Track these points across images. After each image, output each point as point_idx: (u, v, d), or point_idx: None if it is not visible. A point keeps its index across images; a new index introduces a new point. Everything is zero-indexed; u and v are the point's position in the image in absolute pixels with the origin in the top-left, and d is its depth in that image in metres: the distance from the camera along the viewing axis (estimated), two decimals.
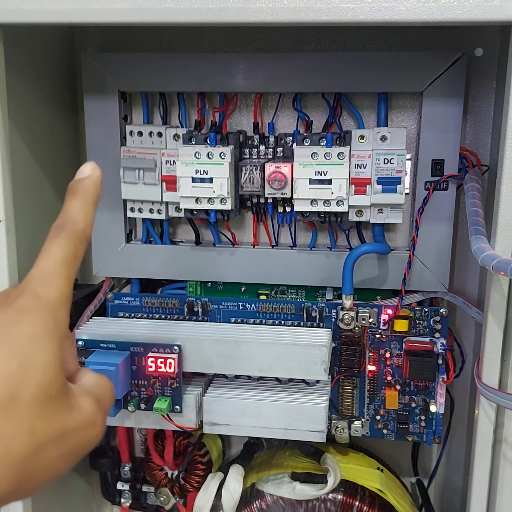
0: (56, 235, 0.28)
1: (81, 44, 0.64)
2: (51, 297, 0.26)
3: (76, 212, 0.29)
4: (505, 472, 0.49)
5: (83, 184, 0.30)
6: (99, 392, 0.29)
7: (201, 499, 0.59)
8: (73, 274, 0.28)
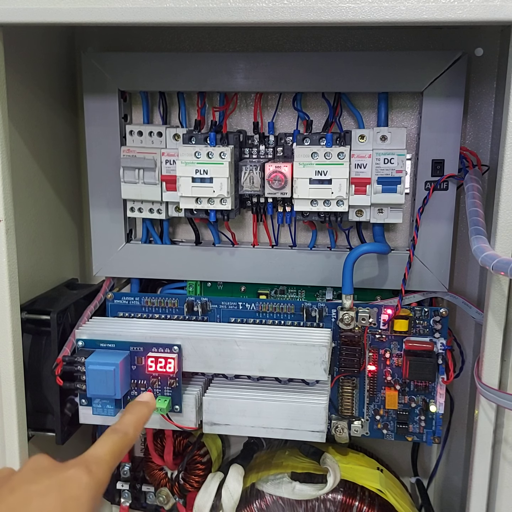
0: (111, 433, 0.37)
1: (81, 44, 0.64)
2: (98, 476, 0.33)
3: (129, 423, 0.38)
4: (505, 472, 0.49)
5: (140, 406, 0.40)
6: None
7: (201, 499, 0.59)
8: (115, 465, 0.35)
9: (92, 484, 0.32)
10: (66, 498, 0.30)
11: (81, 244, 0.70)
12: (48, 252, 0.62)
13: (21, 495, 0.30)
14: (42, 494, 0.30)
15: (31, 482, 0.31)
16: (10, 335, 0.51)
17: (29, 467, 0.33)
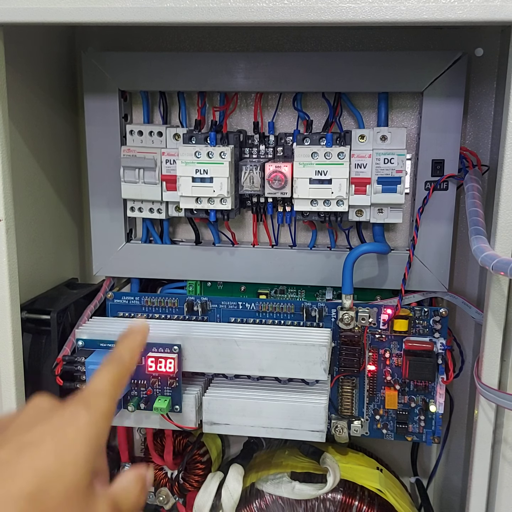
0: (107, 364, 0.35)
1: (82, 43, 0.65)
2: (99, 408, 0.31)
3: (124, 350, 0.36)
4: (505, 472, 0.49)
5: (133, 333, 0.38)
6: (122, 496, 0.32)
7: (201, 499, 0.59)
8: (117, 396, 0.33)
9: (92, 420, 0.30)
10: (60, 444, 0.28)
11: (81, 244, 0.70)
12: (48, 252, 0.63)
13: (12, 448, 0.28)
14: (35, 444, 0.28)
15: (24, 431, 0.29)
16: (10, 334, 0.51)
17: (27, 413, 0.31)
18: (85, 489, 0.29)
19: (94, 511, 0.29)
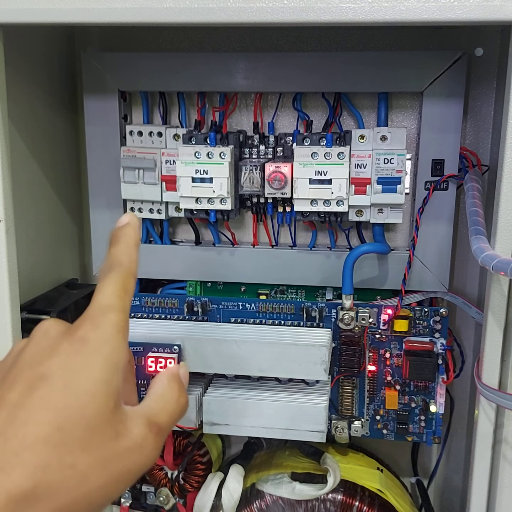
0: (105, 274, 0.30)
1: (81, 44, 0.64)
2: (109, 324, 0.28)
3: (120, 253, 0.31)
4: (505, 472, 0.49)
5: (123, 230, 0.33)
6: (157, 409, 0.29)
7: (201, 499, 0.59)
8: (127, 306, 0.29)
9: (103, 339, 0.27)
10: (72, 374, 0.26)
11: (81, 244, 0.70)
12: (48, 252, 0.62)
13: (21, 388, 0.25)
14: (45, 379, 0.26)
15: (32, 364, 0.26)
16: (10, 335, 0.51)
17: (35, 342, 0.28)
18: (111, 414, 0.26)
19: (127, 435, 0.27)
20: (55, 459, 0.24)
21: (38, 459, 0.24)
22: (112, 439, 0.26)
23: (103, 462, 0.25)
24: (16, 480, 0.23)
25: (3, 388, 0.26)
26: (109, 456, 0.26)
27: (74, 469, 0.24)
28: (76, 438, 0.25)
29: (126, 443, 0.26)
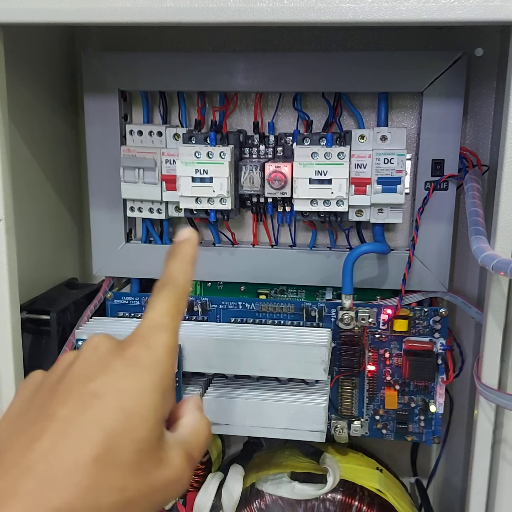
0: (159, 291, 0.30)
1: (81, 44, 0.64)
2: (160, 345, 0.28)
3: (176, 270, 0.31)
4: (505, 472, 0.49)
5: (182, 246, 0.32)
6: (193, 443, 0.29)
7: (201, 499, 0.59)
8: (178, 326, 0.29)
9: (155, 360, 0.27)
10: (125, 396, 0.25)
11: (81, 244, 0.70)
12: (48, 252, 0.62)
13: (74, 404, 0.25)
14: (98, 397, 0.25)
15: (85, 380, 0.26)
16: (10, 335, 0.51)
17: (85, 357, 0.28)
18: (157, 440, 0.26)
19: (169, 465, 0.26)
20: (106, 481, 0.24)
21: (91, 480, 0.23)
22: (157, 467, 0.26)
23: (148, 489, 0.25)
24: (67, 499, 0.23)
25: (54, 402, 0.26)
26: (153, 483, 0.25)
27: (123, 493, 0.24)
28: (126, 461, 0.24)
29: (168, 473, 0.26)
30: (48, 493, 0.23)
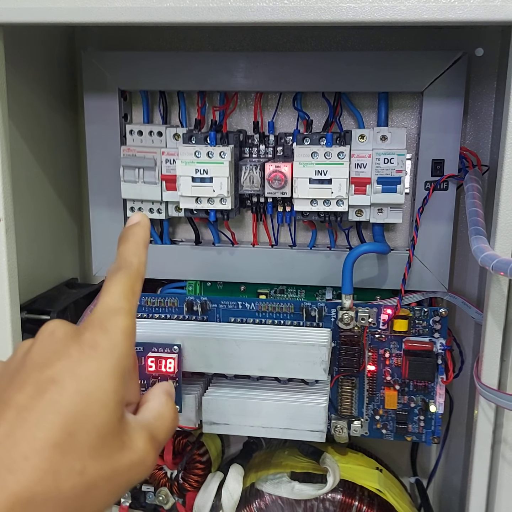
0: (114, 275, 0.30)
1: (81, 43, 0.64)
2: (117, 328, 0.27)
3: (129, 253, 0.31)
4: (504, 472, 0.49)
5: (133, 230, 0.32)
6: (157, 425, 0.29)
7: (201, 499, 0.59)
8: (134, 308, 0.29)
9: (112, 344, 0.27)
10: (83, 380, 0.25)
11: (81, 244, 0.70)
12: (48, 252, 0.62)
13: (31, 390, 0.25)
14: (55, 383, 0.25)
15: (42, 366, 0.26)
16: (10, 335, 0.51)
17: (41, 343, 0.27)
18: (118, 424, 0.26)
19: (132, 448, 0.26)
20: (65, 464, 0.24)
21: (48, 464, 0.23)
22: (119, 450, 0.26)
23: (110, 472, 0.25)
24: (24, 483, 0.23)
25: (11, 390, 0.25)
26: (116, 466, 0.25)
27: (83, 476, 0.24)
28: (86, 445, 0.24)
29: (131, 456, 0.26)
30: (5, 478, 0.23)
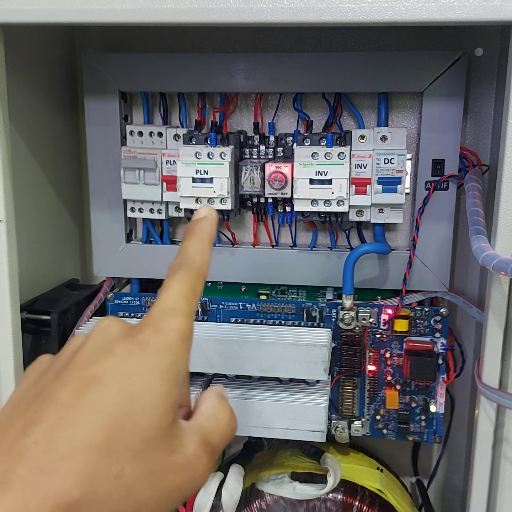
0: (174, 272, 0.28)
1: (82, 44, 0.65)
2: (172, 330, 0.26)
3: (193, 250, 0.30)
4: (506, 472, 0.49)
5: (199, 225, 0.31)
6: (211, 427, 0.27)
7: (201, 499, 0.59)
8: (193, 310, 0.27)
9: (165, 346, 0.25)
10: (128, 381, 0.24)
11: (82, 245, 0.70)
12: (48, 253, 0.63)
13: (73, 388, 0.24)
14: (98, 381, 0.24)
15: (87, 364, 0.24)
16: (10, 335, 0.51)
17: (93, 340, 0.26)
18: (168, 429, 0.24)
19: (181, 452, 0.25)
20: (102, 468, 0.22)
21: (85, 467, 0.22)
22: (167, 454, 0.24)
23: (151, 476, 0.23)
24: (61, 487, 0.22)
25: (55, 386, 0.24)
26: (159, 470, 0.24)
27: (120, 480, 0.23)
28: (126, 449, 0.23)
29: (180, 460, 0.25)
30: (41, 481, 0.21)
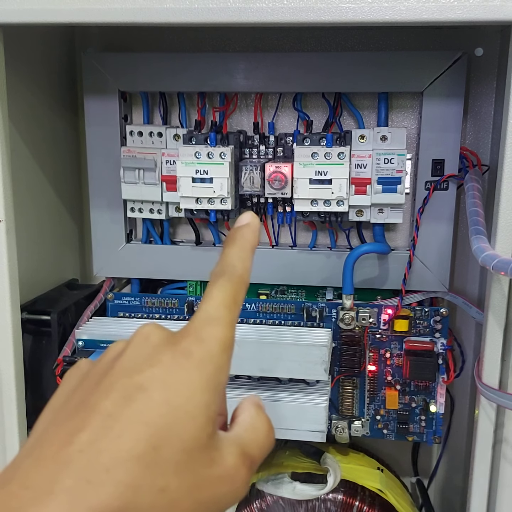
0: (216, 280, 0.28)
1: (81, 44, 0.65)
2: (214, 340, 0.25)
3: (234, 258, 0.30)
4: (505, 472, 0.49)
5: (241, 232, 0.30)
6: (249, 438, 0.27)
7: None
8: (234, 319, 0.27)
9: (207, 356, 0.25)
10: (173, 391, 0.23)
11: (82, 245, 0.70)
12: (48, 253, 0.63)
13: (117, 397, 0.23)
14: (143, 391, 0.23)
15: (131, 372, 0.24)
16: (10, 335, 0.51)
17: (134, 347, 0.26)
18: (208, 439, 0.24)
19: (221, 464, 0.24)
20: (147, 480, 0.22)
21: (130, 478, 0.21)
22: (206, 466, 0.24)
23: (193, 489, 0.23)
24: (103, 496, 0.21)
25: (98, 394, 0.24)
26: (199, 483, 0.23)
27: (165, 493, 0.22)
28: (171, 460, 0.23)
29: (219, 472, 0.24)
30: (86, 491, 0.21)
